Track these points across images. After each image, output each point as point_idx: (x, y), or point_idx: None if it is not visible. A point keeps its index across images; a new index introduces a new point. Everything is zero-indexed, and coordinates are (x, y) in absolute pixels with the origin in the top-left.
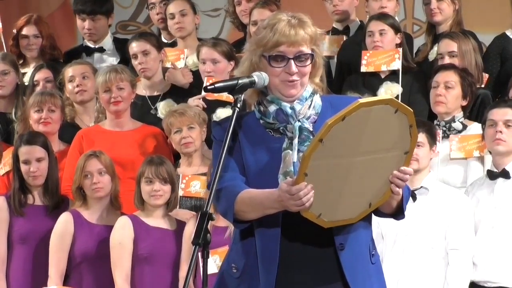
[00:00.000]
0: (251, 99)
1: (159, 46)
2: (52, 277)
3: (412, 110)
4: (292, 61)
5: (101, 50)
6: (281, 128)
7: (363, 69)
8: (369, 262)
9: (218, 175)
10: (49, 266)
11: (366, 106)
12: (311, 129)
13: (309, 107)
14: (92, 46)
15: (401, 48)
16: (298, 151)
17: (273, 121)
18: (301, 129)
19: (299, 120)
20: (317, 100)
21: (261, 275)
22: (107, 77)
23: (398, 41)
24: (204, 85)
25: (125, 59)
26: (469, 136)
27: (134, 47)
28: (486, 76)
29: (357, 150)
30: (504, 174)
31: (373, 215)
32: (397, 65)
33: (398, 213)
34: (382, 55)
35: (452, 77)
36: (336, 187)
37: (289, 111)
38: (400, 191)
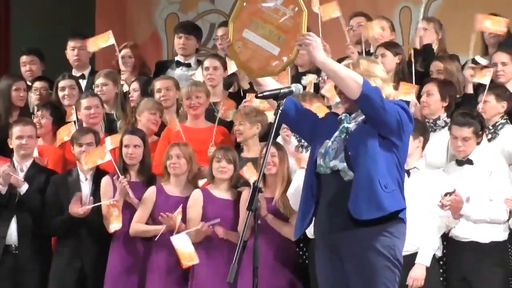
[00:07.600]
0: None
1: (225, 66)
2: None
3: None
4: None
5: (188, 65)
6: None
7: None
8: (378, 189)
9: None
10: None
11: None
12: None
13: None
14: (182, 61)
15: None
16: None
17: None
18: None
19: None
20: None
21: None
22: (189, 89)
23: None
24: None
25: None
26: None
27: (207, 63)
28: None
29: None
30: (469, 161)
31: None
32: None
33: None
34: None
35: (430, 87)
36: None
37: None
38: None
